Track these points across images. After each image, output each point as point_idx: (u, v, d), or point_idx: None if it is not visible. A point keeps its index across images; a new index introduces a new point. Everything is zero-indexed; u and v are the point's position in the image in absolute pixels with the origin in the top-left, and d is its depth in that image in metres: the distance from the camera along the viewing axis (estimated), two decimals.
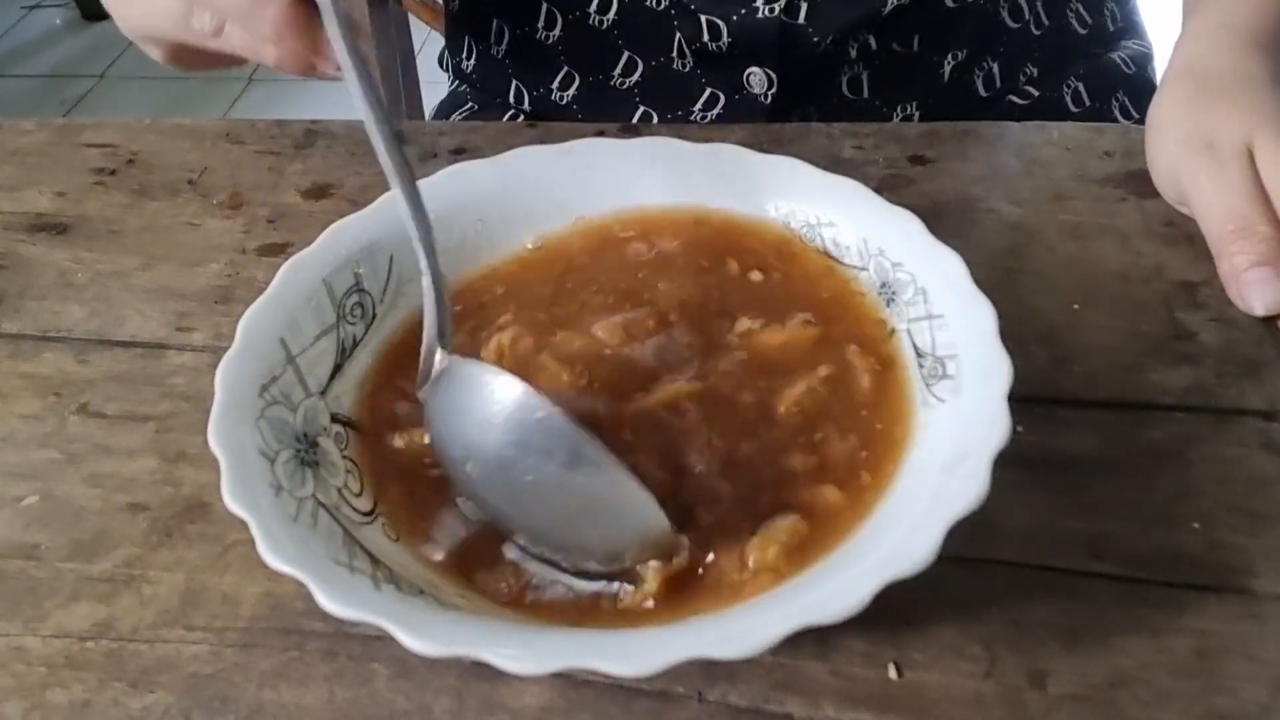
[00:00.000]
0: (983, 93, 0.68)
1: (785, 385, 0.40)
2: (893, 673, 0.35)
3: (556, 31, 0.69)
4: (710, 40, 0.65)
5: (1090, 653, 0.36)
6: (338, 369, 0.41)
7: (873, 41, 0.65)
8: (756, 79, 0.66)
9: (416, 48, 1.03)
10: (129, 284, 0.52)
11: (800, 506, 0.37)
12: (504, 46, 0.73)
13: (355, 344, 0.42)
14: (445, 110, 0.80)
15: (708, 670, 0.36)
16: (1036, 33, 0.68)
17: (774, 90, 0.66)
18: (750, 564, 0.35)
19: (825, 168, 0.45)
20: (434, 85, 0.86)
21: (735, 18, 0.64)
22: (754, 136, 0.57)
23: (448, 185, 0.46)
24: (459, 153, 0.57)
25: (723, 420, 0.39)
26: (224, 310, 0.50)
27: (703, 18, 0.64)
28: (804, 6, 0.63)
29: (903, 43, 0.65)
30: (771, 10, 0.63)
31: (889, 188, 0.53)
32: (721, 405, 0.40)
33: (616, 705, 0.35)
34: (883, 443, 0.38)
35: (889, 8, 0.62)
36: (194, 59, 0.51)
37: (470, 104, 0.77)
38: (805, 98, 0.58)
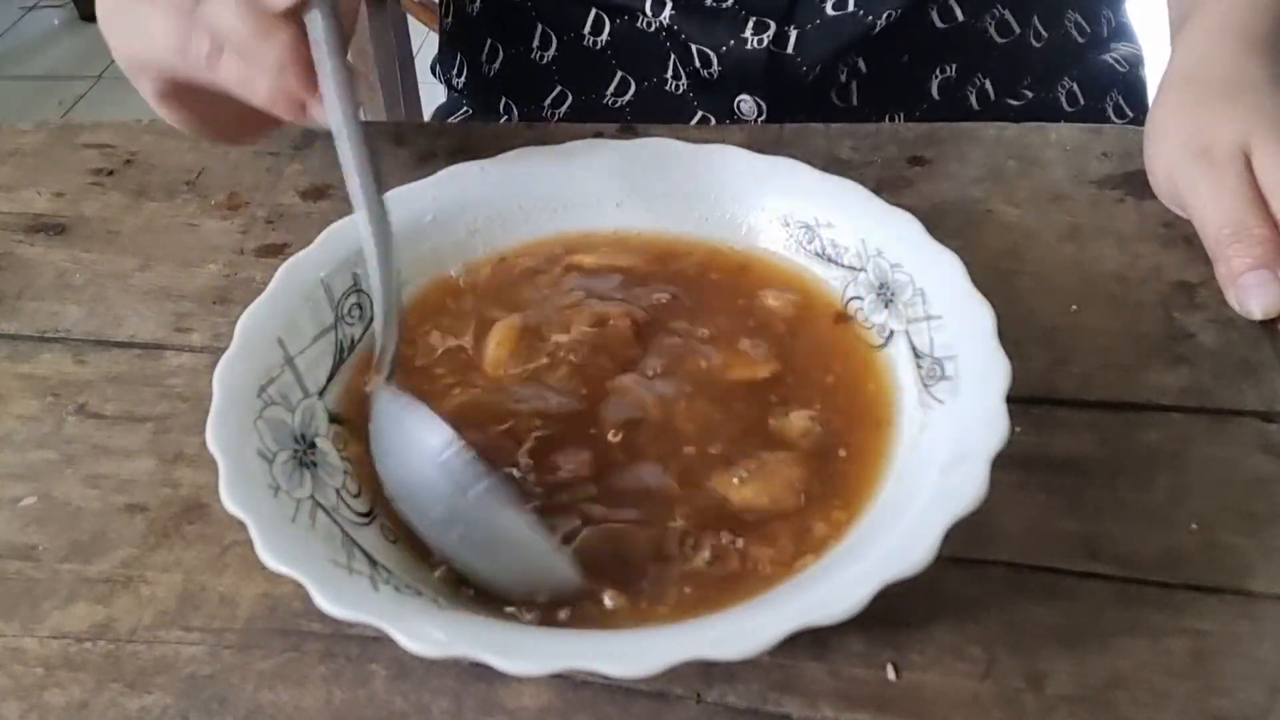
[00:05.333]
0: (975, 107, 0.68)
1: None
2: (891, 673, 0.35)
3: (551, 52, 0.69)
4: (701, 67, 0.65)
5: (1088, 654, 0.36)
6: (336, 370, 0.41)
7: (862, 64, 0.65)
8: (747, 106, 0.66)
9: (415, 49, 1.03)
10: (127, 284, 0.52)
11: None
12: (496, 65, 0.73)
13: (353, 345, 0.42)
14: (443, 114, 0.80)
15: (706, 671, 0.36)
16: (1036, 45, 0.68)
17: (763, 117, 0.66)
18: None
19: (823, 168, 0.45)
20: (432, 86, 0.86)
21: (724, 48, 0.64)
22: (752, 137, 0.57)
23: (446, 186, 0.46)
24: (457, 153, 0.57)
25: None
26: (222, 311, 0.50)
27: (693, 46, 0.65)
28: (793, 36, 0.63)
29: (892, 62, 0.65)
30: (760, 42, 0.63)
31: (887, 189, 0.53)
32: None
33: (615, 706, 0.35)
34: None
35: (877, 29, 0.62)
36: (184, 97, 0.47)
37: (466, 109, 0.77)
38: (795, 119, 0.59)
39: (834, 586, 0.32)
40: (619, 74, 0.69)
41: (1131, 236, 0.50)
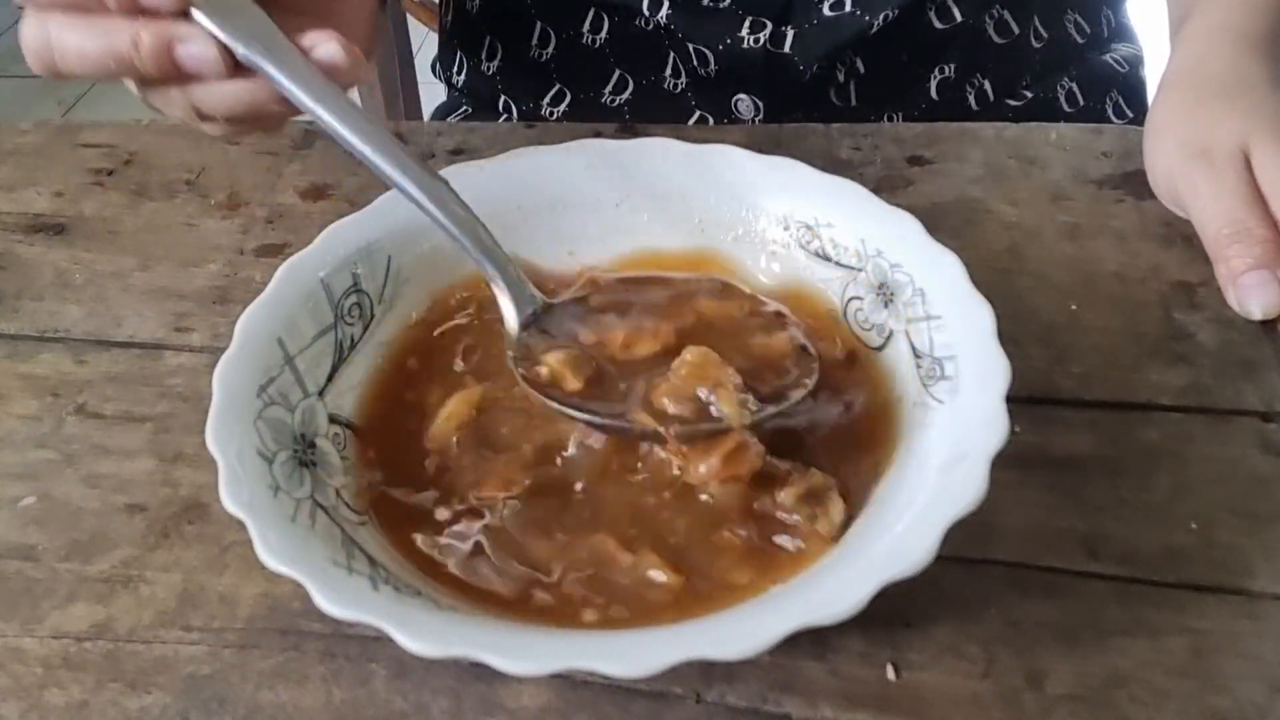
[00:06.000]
0: (974, 107, 0.68)
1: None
2: (891, 673, 0.35)
3: (550, 50, 0.69)
4: (699, 66, 0.65)
5: (1088, 653, 0.36)
6: (336, 369, 0.41)
7: (860, 64, 0.65)
8: (744, 105, 0.66)
9: (415, 49, 1.02)
10: (127, 284, 0.52)
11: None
12: (496, 63, 0.73)
13: (353, 344, 0.42)
14: (443, 114, 0.80)
15: (706, 671, 0.36)
16: (1036, 45, 0.68)
17: (760, 117, 0.66)
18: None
19: (823, 168, 0.45)
20: (432, 86, 0.86)
21: (721, 47, 0.64)
22: (752, 137, 0.57)
23: None
24: (457, 153, 0.57)
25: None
26: (222, 311, 0.50)
27: (690, 45, 0.65)
28: (789, 35, 0.63)
29: (890, 62, 0.65)
30: (757, 41, 0.63)
31: (887, 188, 0.53)
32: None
33: (614, 706, 0.35)
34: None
35: (875, 29, 0.62)
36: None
37: (465, 107, 0.78)
38: (793, 119, 0.59)
39: (834, 586, 0.32)
40: (617, 72, 0.69)
41: (1131, 236, 0.50)
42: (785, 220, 0.45)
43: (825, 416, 0.40)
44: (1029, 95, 0.69)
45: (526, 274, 0.43)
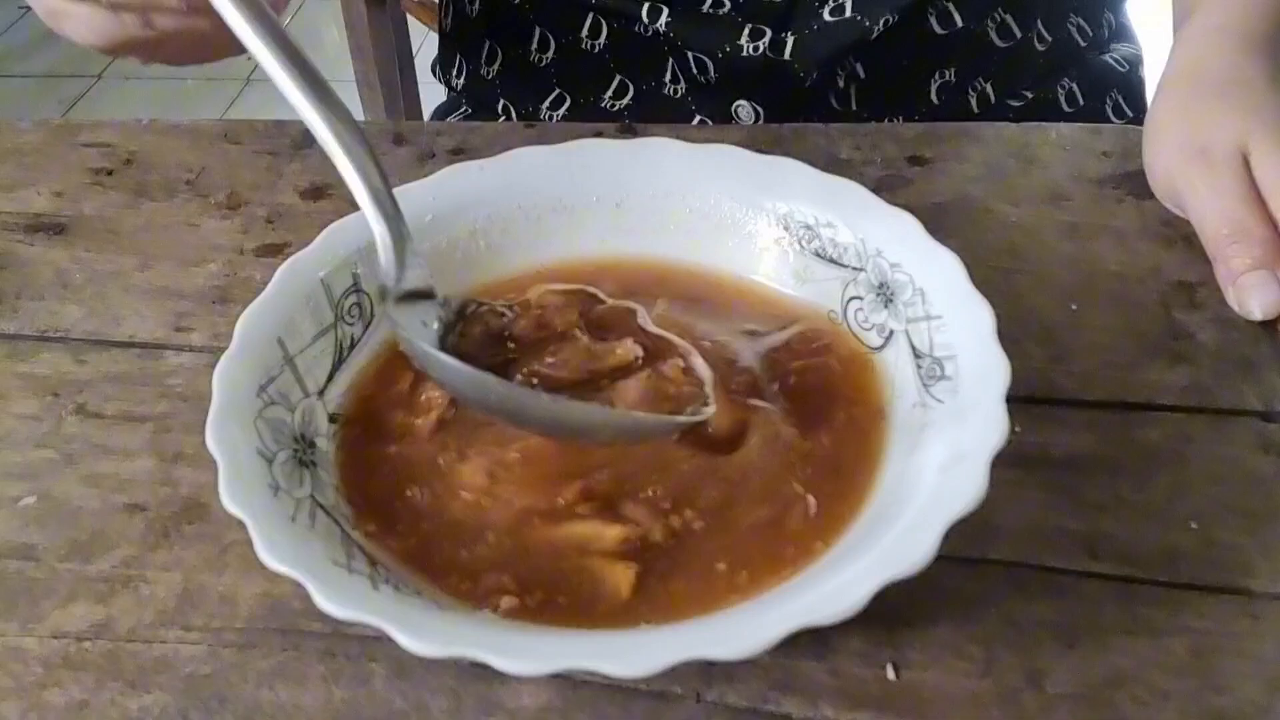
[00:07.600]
0: (975, 109, 0.68)
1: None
2: (890, 673, 0.35)
3: (549, 55, 0.69)
4: (698, 73, 0.65)
5: (1088, 652, 0.36)
6: (336, 369, 0.41)
7: (860, 69, 0.65)
8: (744, 111, 0.66)
9: (415, 49, 1.03)
10: (127, 284, 0.52)
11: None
12: (495, 67, 0.73)
13: (353, 344, 0.42)
14: (443, 114, 0.80)
15: (705, 671, 0.36)
16: (1040, 48, 0.68)
17: (760, 123, 0.66)
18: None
19: (823, 168, 0.45)
20: (432, 86, 0.87)
21: (720, 54, 0.64)
22: (752, 137, 0.57)
23: (446, 186, 0.46)
24: (457, 153, 0.57)
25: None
26: (222, 310, 0.50)
27: (690, 52, 0.65)
28: (789, 41, 0.63)
29: (890, 67, 0.65)
30: (756, 49, 0.63)
31: (887, 188, 0.53)
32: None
33: (614, 706, 0.35)
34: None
35: (875, 34, 0.62)
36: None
37: (465, 108, 0.78)
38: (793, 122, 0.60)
39: (834, 586, 0.32)
40: (617, 77, 0.69)
41: (1131, 235, 0.50)
42: (785, 220, 0.45)
43: None
44: (1029, 96, 0.69)
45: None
